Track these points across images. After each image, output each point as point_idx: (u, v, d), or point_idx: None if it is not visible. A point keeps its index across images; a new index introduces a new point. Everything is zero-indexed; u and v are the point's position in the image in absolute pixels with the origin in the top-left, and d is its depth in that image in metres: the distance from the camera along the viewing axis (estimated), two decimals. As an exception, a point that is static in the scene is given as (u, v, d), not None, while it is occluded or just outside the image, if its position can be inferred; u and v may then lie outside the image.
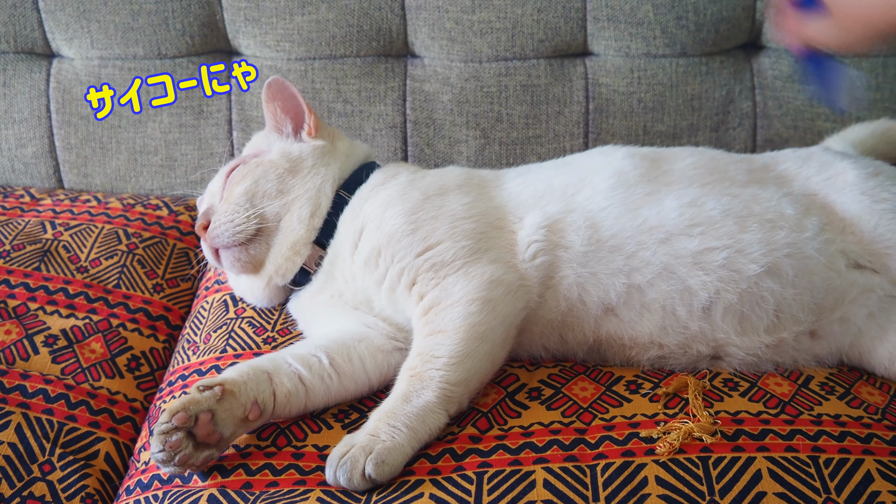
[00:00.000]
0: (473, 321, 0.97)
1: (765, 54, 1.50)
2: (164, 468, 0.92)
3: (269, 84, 1.18)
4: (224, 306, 1.22)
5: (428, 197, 1.08)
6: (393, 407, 0.93)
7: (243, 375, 0.97)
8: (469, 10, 1.47)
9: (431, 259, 1.02)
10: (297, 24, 1.49)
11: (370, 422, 0.92)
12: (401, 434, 0.90)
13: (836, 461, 0.88)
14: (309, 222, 1.13)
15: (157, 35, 1.51)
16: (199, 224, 1.14)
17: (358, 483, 0.88)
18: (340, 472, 0.88)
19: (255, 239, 1.12)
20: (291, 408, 0.99)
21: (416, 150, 1.52)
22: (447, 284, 1.00)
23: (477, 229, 1.05)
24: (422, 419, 0.92)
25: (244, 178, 1.14)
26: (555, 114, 1.50)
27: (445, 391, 0.94)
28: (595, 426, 0.95)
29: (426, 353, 0.96)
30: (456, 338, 0.96)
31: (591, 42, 1.49)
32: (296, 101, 1.19)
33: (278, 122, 1.20)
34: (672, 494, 0.85)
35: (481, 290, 0.99)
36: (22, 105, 1.55)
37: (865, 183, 1.08)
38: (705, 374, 1.02)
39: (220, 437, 0.93)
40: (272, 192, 1.13)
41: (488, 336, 0.98)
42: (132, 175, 1.56)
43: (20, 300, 1.25)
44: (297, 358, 1.02)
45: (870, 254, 1.05)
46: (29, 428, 1.09)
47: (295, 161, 1.16)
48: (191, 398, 0.92)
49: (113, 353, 1.22)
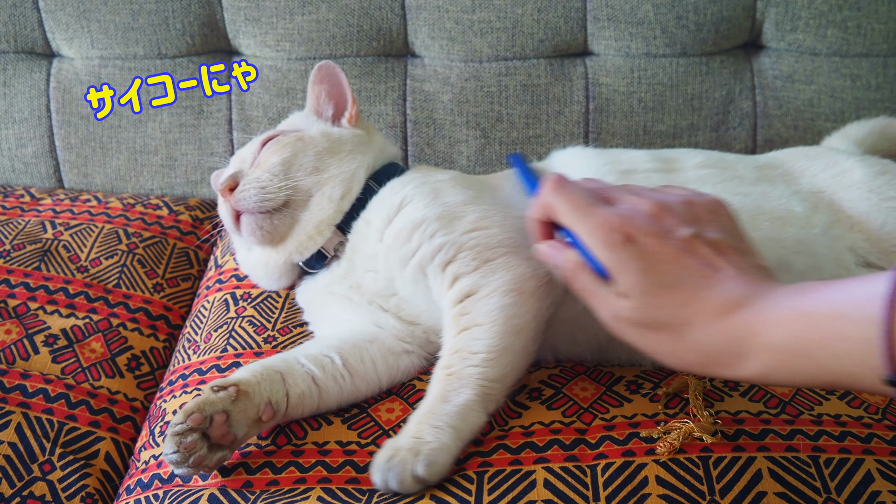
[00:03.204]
0: (510, 313, 0.96)
1: (765, 54, 1.51)
2: (178, 470, 0.91)
3: (319, 67, 1.19)
4: (225, 305, 1.22)
5: (481, 192, 1.08)
6: (432, 408, 0.92)
7: (257, 376, 0.96)
8: (469, 10, 1.47)
9: (478, 238, 1.01)
10: (297, 23, 1.49)
11: (410, 425, 0.91)
12: (445, 434, 0.89)
13: (836, 461, 0.88)
14: (339, 203, 1.12)
15: (157, 35, 1.51)
16: (225, 185, 1.12)
17: (410, 485, 0.86)
18: (391, 476, 0.86)
19: (282, 210, 1.11)
20: (304, 408, 0.99)
21: (416, 149, 1.52)
22: (486, 270, 0.99)
23: (519, 226, 1.04)
24: (463, 417, 0.91)
25: (283, 148, 1.13)
26: (555, 114, 1.50)
27: (484, 388, 0.93)
28: (595, 426, 0.95)
29: (463, 349, 0.95)
30: (492, 331, 0.95)
31: (591, 42, 1.49)
32: (341, 88, 1.19)
33: (320, 105, 1.21)
34: (672, 494, 0.85)
35: (517, 282, 0.98)
36: (22, 105, 1.55)
37: (873, 181, 1.08)
38: (706, 373, 1.02)
39: (234, 439, 0.92)
40: (308, 166, 1.13)
41: (524, 330, 0.97)
42: (132, 175, 1.56)
43: (20, 300, 1.25)
44: (309, 358, 1.01)
45: (878, 251, 1.05)
46: (29, 427, 1.09)
47: (335, 142, 1.16)
48: (205, 399, 0.91)
49: (113, 353, 1.22)
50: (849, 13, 1.44)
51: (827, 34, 1.46)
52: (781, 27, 1.47)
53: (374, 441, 0.96)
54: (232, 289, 1.25)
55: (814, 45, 1.47)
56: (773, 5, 1.46)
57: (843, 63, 1.47)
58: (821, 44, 1.47)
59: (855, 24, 1.45)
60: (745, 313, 0.73)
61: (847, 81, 1.47)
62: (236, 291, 1.24)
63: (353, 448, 0.96)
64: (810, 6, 1.45)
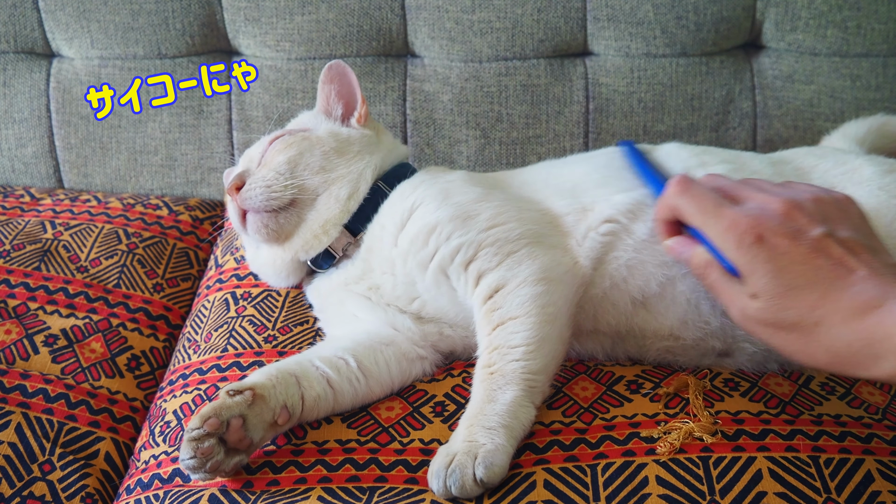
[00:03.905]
0: (543, 302, 0.96)
1: (765, 54, 1.51)
2: (195, 475, 0.90)
3: (329, 66, 1.19)
4: (225, 305, 1.22)
5: (491, 190, 1.08)
6: (481, 409, 0.91)
7: (272, 379, 0.95)
8: (469, 10, 1.47)
9: (496, 234, 1.01)
10: (297, 23, 1.49)
11: (461, 429, 0.91)
12: (499, 434, 0.89)
13: (836, 461, 0.88)
14: (345, 204, 1.12)
15: (157, 35, 1.51)
16: (232, 184, 1.12)
17: (471, 489, 0.86)
18: (451, 481, 0.86)
19: (288, 209, 1.11)
20: (320, 411, 0.98)
21: (417, 149, 1.52)
22: (511, 263, 0.99)
23: (537, 217, 1.04)
24: (513, 415, 0.91)
25: (289, 147, 1.14)
26: (555, 114, 1.50)
27: (529, 381, 0.93)
28: (595, 426, 0.95)
29: (502, 345, 0.95)
30: (528, 322, 0.95)
31: (591, 42, 1.49)
32: (351, 88, 1.20)
33: (330, 104, 1.21)
34: (672, 494, 0.85)
35: (545, 270, 0.98)
36: (22, 105, 1.55)
37: (882, 179, 1.08)
38: (706, 373, 1.02)
39: (251, 443, 0.92)
40: (315, 166, 1.13)
41: (558, 317, 0.97)
42: (132, 175, 1.56)
43: (20, 300, 1.25)
44: (324, 360, 1.01)
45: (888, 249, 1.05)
46: (29, 427, 1.09)
47: (343, 142, 1.16)
48: (221, 403, 0.90)
49: (113, 353, 1.22)
50: (849, 13, 1.44)
51: (827, 34, 1.46)
52: (781, 27, 1.47)
53: (374, 439, 0.96)
54: (232, 288, 1.25)
55: (814, 45, 1.47)
56: (773, 5, 1.46)
57: (843, 63, 1.47)
58: (821, 44, 1.47)
59: (855, 24, 1.45)
60: (880, 315, 0.73)
61: (847, 81, 1.47)
62: (236, 291, 1.24)
63: (352, 446, 0.96)
64: (810, 6, 1.45)
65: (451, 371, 1.06)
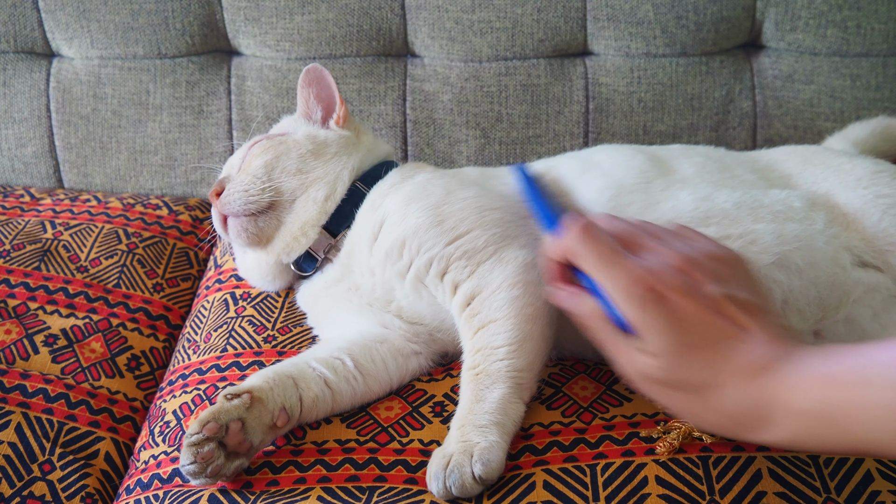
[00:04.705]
0: (520, 304, 0.97)
1: (765, 54, 1.51)
2: (195, 480, 0.90)
3: (307, 70, 1.19)
4: (224, 305, 1.22)
5: (451, 191, 1.08)
6: (470, 410, 0.92)
7: (269, 382, 0.96)
8: (469, 10, 1.47)
9: (463, 246, 1.01)
10: (297, 23, 1.49)
11: (453, 431, 0.91)
12: (492, 432, 0.89)
13: (836, 461, 0.88)
14: (322, 205, 1.13)
15: (157, 35, 1.51)
16: (213, 190, 1.14)
17: (471, 487, 0.86)
18: (451, 481, 0.86)
19: (267, 212, 1.12)
20: (318, 412, 0.99)
21: (416, 149, 1.52)
22: (483, 272, 1.00)
23: (504, 218, 1.04)
24: (503, 412, 0.91)
25: (265, 152, 1.15)
26: (555, 113, 1.50)
27: (515, 379, 0.93)
28: (595, 426, 0.95)
29: (485, 346, 0.95)
30: (509, 323, 0.96)
31: (591, 42, 1.49)
32: (330, 90, 1.20)
33: (309, 107, 1.21)
34: (672, 494, 0.85)
35: (519, 273, 0.99)
36: (22, 105, 1.55)
37: (868, 179, 1.08)
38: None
39: (251, 446, 0.92)
40: (291, 169, 1.14)
41: (538, 316, 0.97)
42: (132, 175, 1.56)
43: (20, 300, 1.25)
44: (320, 361, 1.01)
45: (873, 251, 1.05)
46: (29, 427, 1.09)
47: (319, 145, 1.17)
48: (220, 407, 0.90)
49: (113, 353, 1.22)
50: (849, 13, 1.44)
51: (827, 34, 1.46)
52: (781, 27, 1.47)
53: (373, 438, 0.96)
54: (231, 288, 1.25)
55: (814, 44, 1.47)
56: (773, 5, 1.46)
57: (843, 63, 1.47)
58: (821, 44, 1.47)
59: (855, 24, 1.45)
60: (771, 377, 0.71)
61: (847, 81, 1.47)
62: (236, 291, 1.24)
63: (351, 446, 0.96)
64: (810, 6, 1.45)
65: (451, 371, 1.06)
